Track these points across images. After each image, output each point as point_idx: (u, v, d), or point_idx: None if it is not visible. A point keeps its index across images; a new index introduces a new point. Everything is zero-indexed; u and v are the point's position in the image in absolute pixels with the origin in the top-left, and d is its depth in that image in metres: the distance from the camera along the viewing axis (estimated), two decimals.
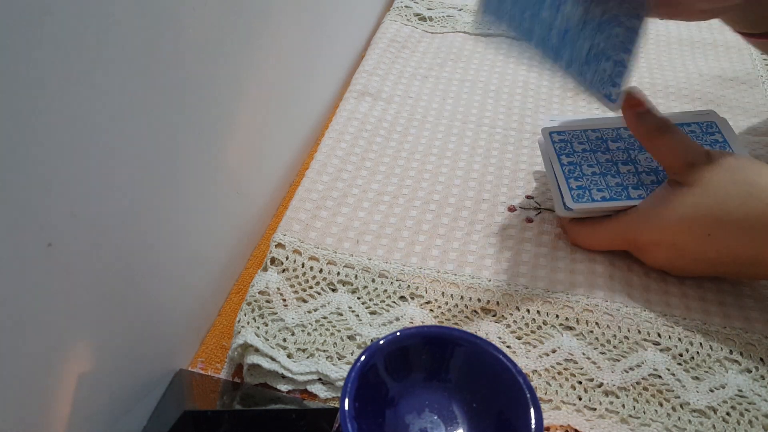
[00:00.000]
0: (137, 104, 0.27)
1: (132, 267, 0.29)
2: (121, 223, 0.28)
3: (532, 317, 0.37)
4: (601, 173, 0.41)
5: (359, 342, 0.36)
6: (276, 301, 0.37)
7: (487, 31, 0.64)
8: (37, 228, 0.23)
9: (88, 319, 0.27)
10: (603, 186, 0.40)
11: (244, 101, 0.38)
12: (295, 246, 0.40)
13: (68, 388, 0.26)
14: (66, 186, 0.24)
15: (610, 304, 0.37)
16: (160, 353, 0.34)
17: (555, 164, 0.42)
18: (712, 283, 0.39)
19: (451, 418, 0.30)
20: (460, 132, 0.51)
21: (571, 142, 0.43)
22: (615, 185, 0.40)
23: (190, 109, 0.32)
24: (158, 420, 0.32)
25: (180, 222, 0.33)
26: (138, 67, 0.27)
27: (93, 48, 0.24)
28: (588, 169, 0.41)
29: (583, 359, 0.35)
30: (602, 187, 0.40)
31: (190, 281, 0.36)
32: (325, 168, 0.46)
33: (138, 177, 0.28)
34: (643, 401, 0.33)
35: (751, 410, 0.33)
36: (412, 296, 0.38)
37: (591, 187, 0.40)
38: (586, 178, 0.41)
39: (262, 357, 0.34)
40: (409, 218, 0.43)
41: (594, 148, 0.42)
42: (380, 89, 0.55)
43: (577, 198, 0.40)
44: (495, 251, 0.41)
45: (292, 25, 0.44)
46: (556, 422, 0.33)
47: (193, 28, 0.31)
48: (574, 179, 0.41)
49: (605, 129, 0.43)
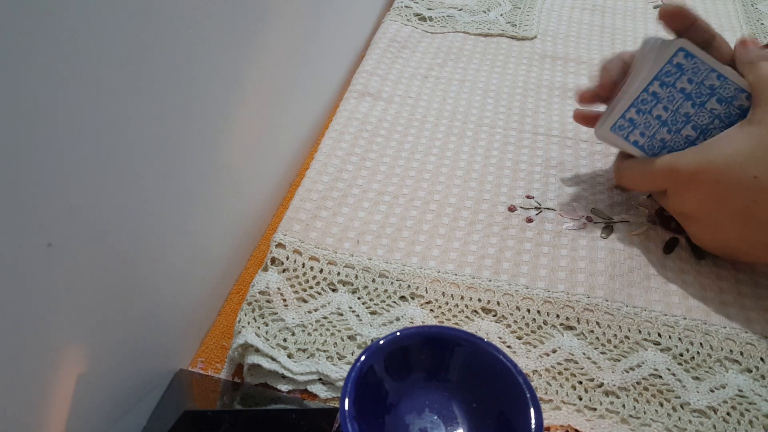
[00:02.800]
0: (137, 104, 0.27)
1: (132, 267, 0.29)
2: (121, 223, 0.28)
3: (533, 317, 0.37)
4: (663, 122, 0.37)
5: (359, 342, 0.36)
6: (276, 301, 0.37)
7: (487, 31, 0.64)
8: (37, 228, 0.22)
9: (87, 318, 0.27)
10: (649, 133, 0.37)
11: (244, 101, 0.38)
12: (296, 246, 0.40)
13: (68, 387, 0.26)
14: (66, 186, 0.24)
15: (611, 304, 0.37)
16: (160, 353, 0.34)
17: (640, 82, 0.38)
18: (713, 282, 0.39)
19: (451, 418, 0.30)
20: (460, 132, 0.51)
21: (685, 74, 0.37)
22: (659, 140, 0.38)
23: (190, 108, 0.32)
24: (158, 420, 0.32)
25: (180, 222, 0.33)
26: (138, 67, 0.27)
27: (93, 48, 0.24)
28: (657, 111, 0.37)
29: (583, 359, 0.35)
30: (646, 133, 0.37)
31: (190, 281, 0.36)
32: (326, 168, 0.46)
33: (138, 177, 0.28)
34: (644, 401, 0.33)
35: (752, 410, 0.33)
36: (413, 296, 0.38)
37: (639, 126, 0.37)
38: (645, 117, 0.37)
39: (262, 357, 0.34)
40: (410, 218, 0.43)
41: (692, 94, 0.37)
42: (380, 89, 0.55)
43: (618, 128, 0.37)
44: (495, 251, 0.41)
45: (292, 25, 0.44)
46: (556, 422, 0.33)
47: (192, 28, 0.31)
48: (635, 110, 0.37)
49: (728, 83, 0.37)
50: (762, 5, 0.69)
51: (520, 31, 0.64)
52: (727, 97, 0.37)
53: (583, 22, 0.66)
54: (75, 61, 0.23)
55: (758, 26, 0.65)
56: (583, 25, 0.65)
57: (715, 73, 0.37)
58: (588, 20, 0.66)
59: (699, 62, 0.37)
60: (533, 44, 0.62)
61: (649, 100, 0.38)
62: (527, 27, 0.65)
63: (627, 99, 0.38)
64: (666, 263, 0.40)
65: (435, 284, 0.39)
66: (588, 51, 0.61)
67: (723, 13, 0.68)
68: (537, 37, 0.63)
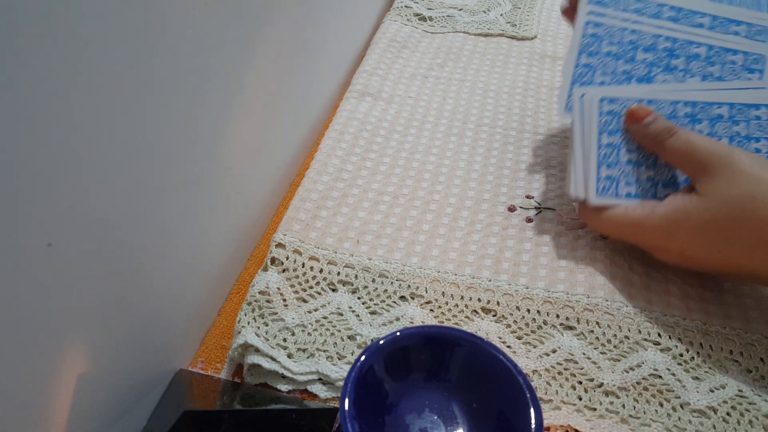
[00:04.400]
0: (137, 104, 0.27)
1: (132, 267, 0.29)
2: (120, 223, 0.28)
3: (533, 317, 0.37)
4: (636, 162, 0.37)
5: (359, 342, 0.36)
6: (276, 301, 0.37)
7: (486, 31, 0.64)
8: (37, 228, 0.22)
9: (87, 318, 0.27)
10: (633, 179, 0.37)
11: (244, 101, 0.38)
12: (296, 246, 0.40)
13: (68, 387, 0.26)
14: (66, 186, 0.24)
15: (611, 304, 0.37)
16: (160, 353, 0.34)
17: (592, 142, 0.37)
18: (713, 282, 0.39)
19: (451, 418, 0.30)
20: (460, 132, 0.51)
21: (621, 116, 0.38)
22: (645, 180, 0.37)
23: (190, 109, 0.32)
24: (158, 420, 0.32)
25: (180, 222, 0.33)
26: (138, 67, 0.27)
27: (93, 48, 0.24)
28: (625, 156, 0.37)
29: (583, 359, 0.35)
30: (631, 181, 0.37)
31: (190, 281, 0.36)
32: (326, 168, 0.46)
33: (138, 177, 0.28)
34: (644, 401, 0.33)
35: (752, 410, 0.33)
36: (413, 296, 0.38)
37: (620, 179, 0.37)
38: (619, 168, 0.37)
39: (262, 357, 0.34)
40: (410, 218, 0.43)
41: None
42: (380, 89, 0.55)
43: (602, 191, 0.37)
44: (495, 251, 0.41)
45: (292, 25, 0.44)
46: (556, 422, 0.33)
47: (193, 29, 0.31)
48: (606, 166, 0.37)
49: (664, 102, 0.38)
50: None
51: (520, 31, 0.64)
52: (669, 113, 0.38)
53: None
54: (75, 61, 0.23)
55: None
56: None
57: (644, 101, 0.38)
58: None
59: (623, 100, 0.38)
60: (533, 44, 0.62)
61: (610, 152, 0.38)
62: (527, 27, 0.65)
63: (592, 161, 0.38)
64: (666, 263, 0.40)
65: (435, 284, 0.39)
66: None
67: None
68: (537, 37, 0.63)
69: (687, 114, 0.38)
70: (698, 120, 0.38)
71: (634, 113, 0.38)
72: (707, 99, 0.38)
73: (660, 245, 0.37)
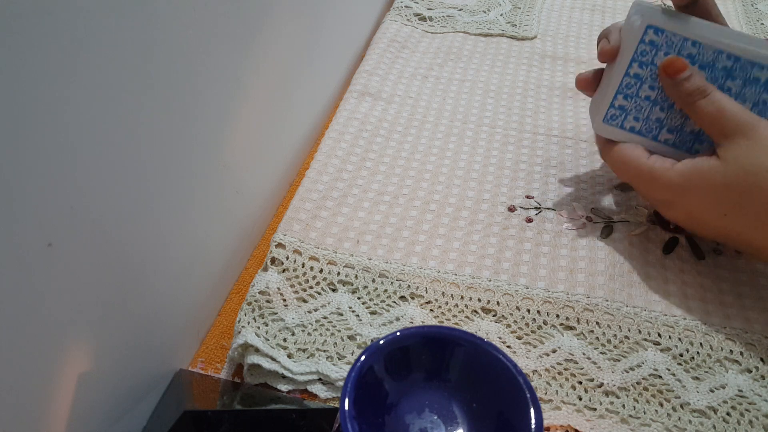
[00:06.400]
0: (137, 104, 0.27)
1: (132, 267, 0.29)
2: (120, 223, 0.28)
3: (533, 317, 0.37)
4: (653, 101, 0.37)
5: (359, 342, 0.36)
6: (276, 301, 0.37)
7: (487, 31, 0.64)
8: (36, 227, 0.23)
9: (88, 318, 0.27)
10: (642, 116, 0.37)
11: (244, 101, 0.38)
12: (296, 246, 0.40)
13: (68, 387, 0.26)
14: (66, 185, 0.24)
15: (611, 304, 0.37)
16: (160, 353, 0.34)
17: (621, 67, 0.37)
18: (713, 283, 0.39)
19: (451, 418, 0.30)
20: (460, 132, 0.51)
21: (660, 50, 0.37)
22: (654, 120, 0.37)
23: (190, 108, 0.32)
24: (158, 420, 0.32)
25: (180, 222, 0.33)
26: (138, 67, 0.27)
27: (93, 48, 0.24)
28: (645, 91, 0.37)
29: (583, 359, 0.35)
30: (640, 117, 0.37)
31: (190, 281, 0.36)
32: (326, 168, 0.46)
33: (138, 177, 0.28)
34: (644, 401, 0.33)
35: (752, 410, 0.33)
36: (413, 296, 0.38)
37: (631, 112, 0.37)
38: (634, 101, 0.37)
39: (262, 357, 0.34)
40: (410, 218, 0.43)
41: None
42: (380, 89, 0.55)
43: (610, 119, 0.37)
44: (495, 251, 0.41)
45: (292, 25, 0.44)
46: (556, 422, 0.33)
47: (193, 28, 0.31)
48: (623, 96, 0.37)
49: (708, 47, 0.36)
50: (762, 5, 0.69)
51: (520, 31, 0.64)
52: (708, 62, 0.37)
53: (583, 22, 0.66)
54: (76, 61, 0.23)
55: (758, 26, 0.65)
56: (583, 25, 0.65)
57: (689, 41, 0.36)
58: (588, 20, 0.66)
59: (670, 35, 0.36)
60: (533, 44, 0.62)
61: (633, 83, 0.38)
62: (527, 27, 0.65)
63: (612, 87, 0.38)
64: (666, 263, 0.40)
65: (435, 284, 0.39)
66: (588, 51, 0.61)
67: (723, 13, 0.68)
68: (537, 37, 0.63)
69: (725, 68, 0.36)
70: (733, 77, 0.36)
71: (671, 65, 0.36)
72: (753, 58, 0.36)
73: (670, 201, 0.37)
